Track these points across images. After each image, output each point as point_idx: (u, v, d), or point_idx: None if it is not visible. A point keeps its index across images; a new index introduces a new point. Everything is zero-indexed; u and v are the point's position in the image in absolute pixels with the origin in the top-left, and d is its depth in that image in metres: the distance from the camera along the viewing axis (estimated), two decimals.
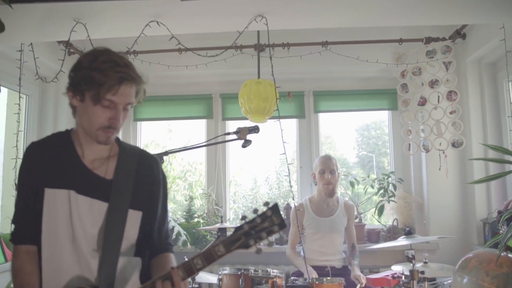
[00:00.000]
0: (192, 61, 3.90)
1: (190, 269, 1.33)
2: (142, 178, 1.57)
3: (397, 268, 2.81)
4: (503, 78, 3.56)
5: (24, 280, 1.46)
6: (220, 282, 2.59)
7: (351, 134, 4.68)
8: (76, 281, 1.43)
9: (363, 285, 3.11)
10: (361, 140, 4.82)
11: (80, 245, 1.44)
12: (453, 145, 3.67)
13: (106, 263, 1.43)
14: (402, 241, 2.47)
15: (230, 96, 4.14)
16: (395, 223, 3.82)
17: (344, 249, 3.49)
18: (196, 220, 3.93)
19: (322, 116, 4.20)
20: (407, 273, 2.51)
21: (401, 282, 2.47)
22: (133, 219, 1.52)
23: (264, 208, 1.29)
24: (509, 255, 2.21)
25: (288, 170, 3.01)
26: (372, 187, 3.90)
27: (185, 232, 3.71)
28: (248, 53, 3.90)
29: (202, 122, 4.25)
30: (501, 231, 3.18)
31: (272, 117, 3.69)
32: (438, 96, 3.73)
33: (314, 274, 2.99)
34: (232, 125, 4.32)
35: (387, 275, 2.64)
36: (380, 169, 4.15)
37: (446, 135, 3.68)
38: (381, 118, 4.56)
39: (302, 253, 3.48)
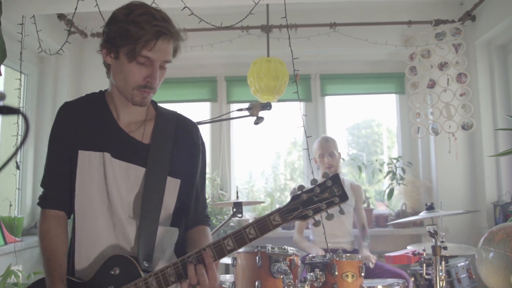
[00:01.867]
0: (197, 42, 3.80)
1: (240, 240, 1.24)
2: (181, 144, 1.46)
3: (412, 248, 2.75)
4: None
5: (52, 243, 1.37)
6: (235, 262, 2.49)
7: (342, 133, 4.57)
8: (112, 249, 1.34)
9: (373, 265, 3.06)
10: (351, 139, 4.73)
11: (117, 211, 1.34)
12: (463, 127, 3.63)
13: (144, 232, 1.33)
14: (425, 215, 2.41)
15: (235, 78, 4.05)
16: (403, 208, 3.77)
17: (355, 233, 3.43)
18: None
19: (328, 100, 4.13)
20: (428, 251, 2.45)
21: (422, 259, 2.41)
22: (171, 187, 1.41)
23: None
24: None
25: (308, 153, 2.93)
26: (380, 171, 3.84)
27: None
28: (255, 34, 3.83)
29: (206, 105, 4.15)
30: None
31: (282, 100, 3.63)
32: (448, 79, 3.69)
33: (321, 252, 2.93)
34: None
35: (407, 252, 2.58)
36: (369, 169, 4.07)
37: (456, 118, 3.64)
38: (371, 117, 4.50)
39: (311, 237, 3.42)
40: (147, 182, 1.36)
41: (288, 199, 1.24)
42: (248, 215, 3.91)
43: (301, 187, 1.21)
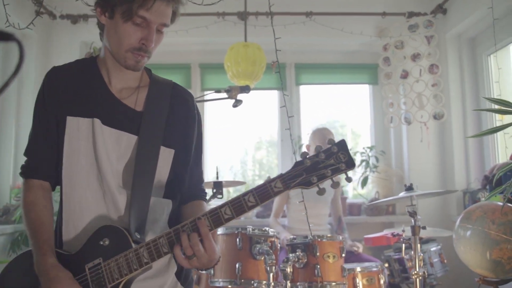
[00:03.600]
0: (172, 27, 3.71)
1: (239, 208, 1.15)
2: (176, 113, 1.39)
3: (388, 231, 2.78)
4: (482, 52, 3.66)
5: (40, 215, 1.28)
6: None
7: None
8: (101, 220, 1.26)
9: (361, 250, 3.09)
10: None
11: (107, 180, 1.27)
12: (435, 117, 3.72)
13: (136, 202, 1.26)
14: (404, 194, 2.43)
15: (210, 66, 3.99)
16: (376, 196, 3.82)
17: (329, 222, 3.45)
18: None
19: (303, 89, 4.14)
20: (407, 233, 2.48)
21: (402, 240, 2.43)
22: (165, 157, 1.34)
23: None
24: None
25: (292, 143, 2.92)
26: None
27: None
28: (231, 21, 3.78)
29: None
30: (482, 199, 3.25)
31: (259, 88, 3.60)
32: (420, 70, 3.77)
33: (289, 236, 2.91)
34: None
35: (387, 234, 2.60)
36: None
37: (428, 108, 3.73)
38: (335, 118, 4.54)
39: (286, 223, 3.40)
40: (139, 151, 1.29)
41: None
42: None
43: (304, 154, 1.14)
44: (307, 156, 1.13)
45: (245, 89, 2.63)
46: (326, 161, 1.11)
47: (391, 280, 3.11)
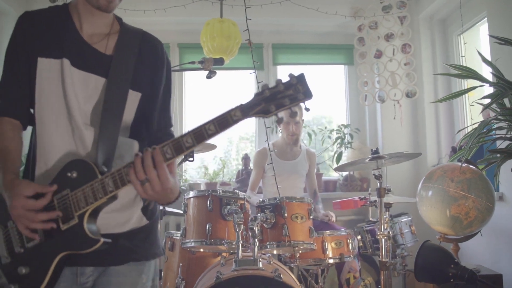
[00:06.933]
0: (150, 6, 3.77)
1: (199, 136, 1.17)
2: (145, 57, 1.43)
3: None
4: (452, 32, 3.76)
5: (7, 145, 1.32)
6: (186, 208, 2.48)
7: None
8: (70, 156, 1.31)
9: (335, 220, 3.16)
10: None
11: (75, 118, 1.32)
12: (407, 95, 3.82)
13: (103, 140, 1.31)
14: (372, 160, 2.51)
15: (188, 46, 4.04)
16: (351, 173, 3.91)
17: (305, 196, 3.51)
18: None
19: (280, 69, 4.21)
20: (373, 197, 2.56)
21: (368, 203, 2.51)
22: (132, 100, 1.39)
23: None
24: (470, 166, 2.33)
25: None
26: (330, 138, 3.96)
27: None
28: (209, 0, 3.83)
29: None
30: None
31: (233, 68, 3.64)
32: (393, 49, 3.87)
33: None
34: (189, 75, 4.21)
35: (354, 198, 2.68)
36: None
37: (401, 86, 3.83)
38: (322, 113, 4.61)
39: (261, 198, 3.46)
40: (107, 92, 1.34)
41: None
42: (200, 181, 3.92)
43: (265, 86, 1.16)
44: (267, 87, 1.15)
45: (219, 61, 2.68)
46: (285, 91, 1.13)
47: (363, 251, 3.20)
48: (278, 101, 1.13)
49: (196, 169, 4.26)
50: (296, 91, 1.13)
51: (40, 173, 1.33)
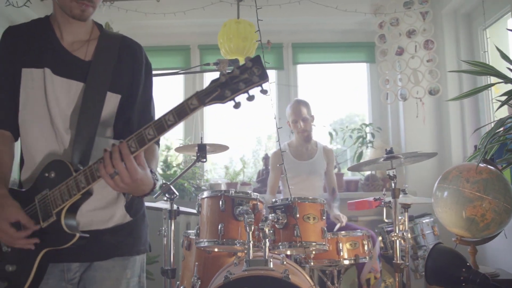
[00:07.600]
0: (170, 9, 3.83)
1: (160, 127, 1.20)
2: (124, 61, 1.50)
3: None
4: (478, 27, 3.64)
5: None
6: (200, 208, 2.52)
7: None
8: (51, 158, 1.38)
9: (344, 224, 3.11)
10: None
11: (56, 124, 1.39)
12: (430, 92, 3.72)
13: (79, 140, 1.38)
14: (386, 160, 2.46)
15: (209, 47, 4.08)
16: (373, 172, 3.85)
17: (324, 197, 3.48)
18: (173, 170, 3.85)
19: (300, 68, 4.19)
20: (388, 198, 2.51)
21: (383, 203, 2.47)
22: (111, 102, 1.46)
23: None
24: (488, 166, 2.25)
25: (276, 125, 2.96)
26: (351, 137, 3.92)
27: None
28: (227, 2, 3.86)
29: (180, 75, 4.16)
30: None
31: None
32: (415, 46, 3.78)
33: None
34: (210, 77, 4.26)
35: (368, 198, 2.64)
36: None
37: (423, 83, 3.73)
38: (355, 111, 4.56)
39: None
40: (85, 95, 1.41)
41: None
42: (221, 181, 3.96)
43: (221, 72, 1.17)
44: (223, 73, 1.16)
45: (234, 62, 2.69)
46: (241, 76, 1.13)
47: (384, 252, 3.14)
48: (233, 85, 1.14)
49: (222, 169, 4.29)
50: (251, 74, 1.13)
51: (26, 178, 1.41)
